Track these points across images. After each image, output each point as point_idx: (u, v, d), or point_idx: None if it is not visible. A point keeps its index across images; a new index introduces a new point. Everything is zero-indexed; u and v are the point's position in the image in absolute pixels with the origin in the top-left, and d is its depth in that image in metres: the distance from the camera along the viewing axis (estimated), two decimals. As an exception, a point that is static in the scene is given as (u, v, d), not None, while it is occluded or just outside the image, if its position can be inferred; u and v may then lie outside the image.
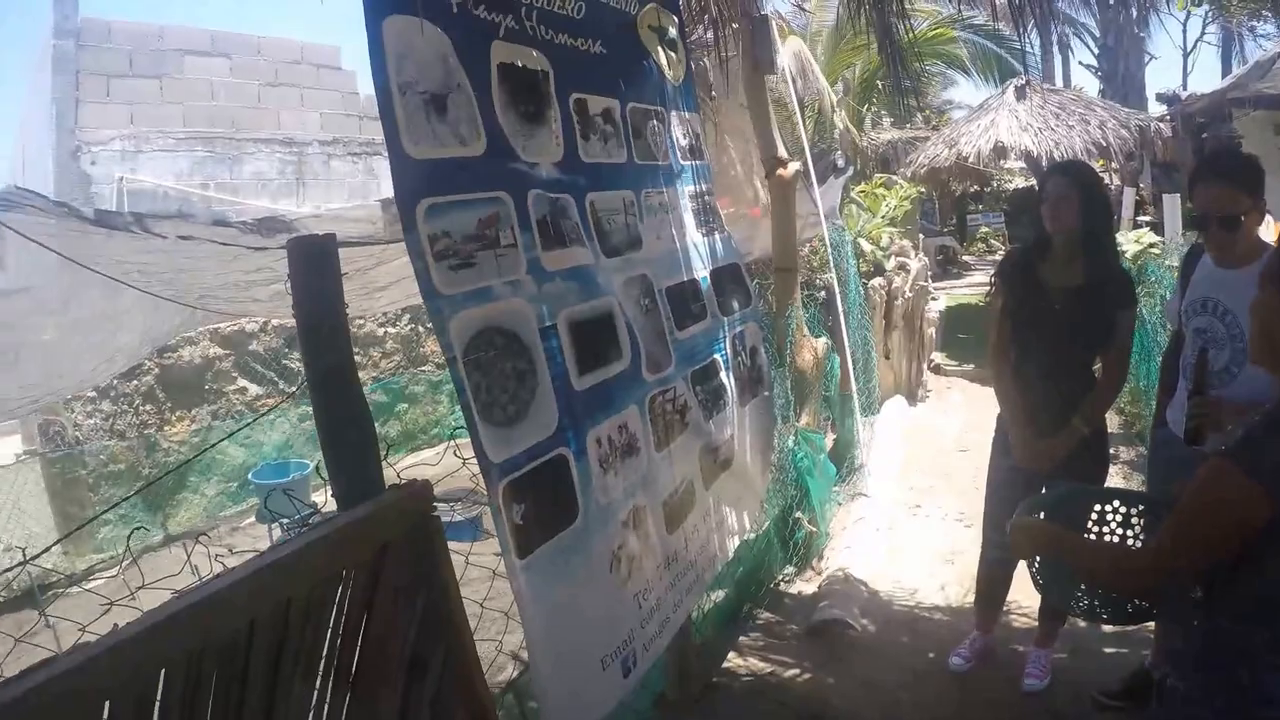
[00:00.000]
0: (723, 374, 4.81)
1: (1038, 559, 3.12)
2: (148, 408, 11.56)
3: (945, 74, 29.67)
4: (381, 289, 5.57)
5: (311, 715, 2.45)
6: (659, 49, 4.77)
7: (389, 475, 11.08)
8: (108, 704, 1.73)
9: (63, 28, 12.45)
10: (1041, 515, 3.33)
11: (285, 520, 10.37)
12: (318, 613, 2.46)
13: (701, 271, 4.87)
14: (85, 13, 12.85)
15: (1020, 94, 18.53)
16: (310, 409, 10.61)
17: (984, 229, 33.79)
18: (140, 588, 2.95)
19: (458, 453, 3.44)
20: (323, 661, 2.50)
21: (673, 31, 4.97)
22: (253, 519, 11.78)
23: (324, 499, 11.62)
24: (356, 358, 10.81)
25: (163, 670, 1.94)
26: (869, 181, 18.76)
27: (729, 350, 4.94)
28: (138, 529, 10.83)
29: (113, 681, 1.77)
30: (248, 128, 13.67)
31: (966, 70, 27.12)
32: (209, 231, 3.73)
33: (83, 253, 3.84)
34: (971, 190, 32.53)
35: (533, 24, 3.60)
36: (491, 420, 2.92)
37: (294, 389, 12.53)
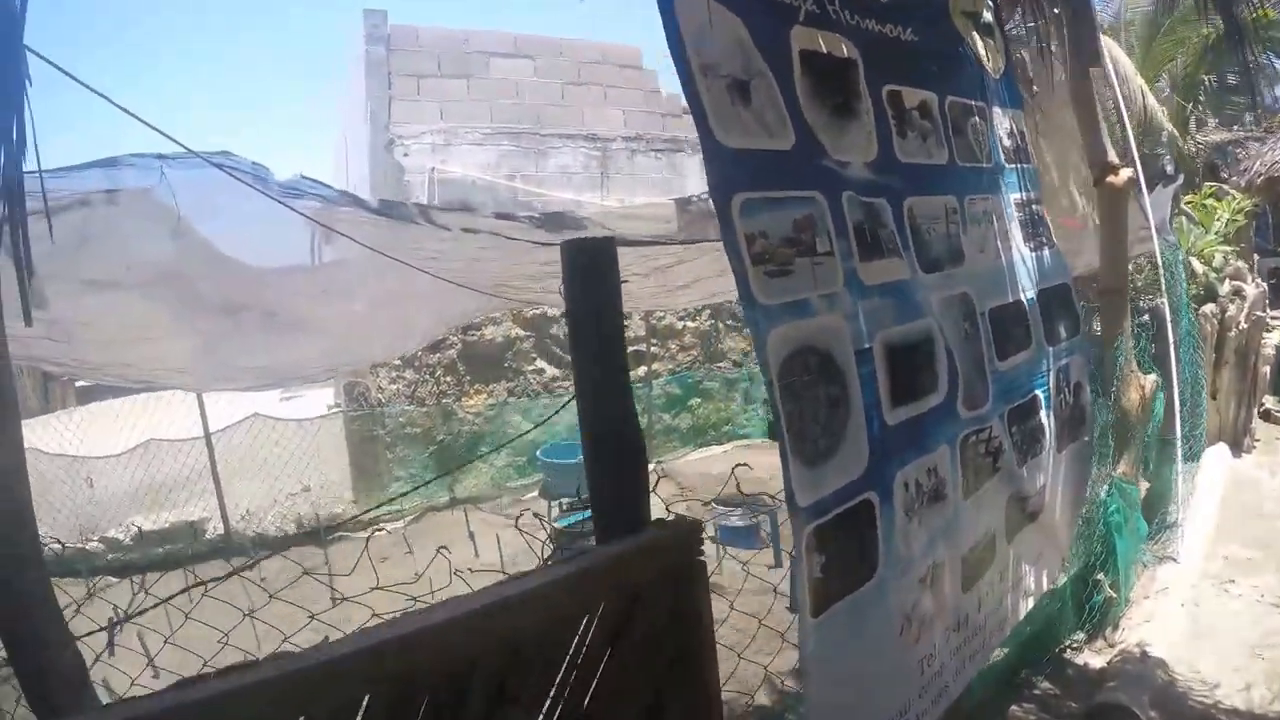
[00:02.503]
0: (1042, 413, 4.20)
1: None
2: (448, 379, 12.05)
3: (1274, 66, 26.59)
4: (682, 287, 5.33)
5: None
6: (974, 36, 4.22)
7: (678, 468, 10.87)
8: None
9: (374, 35, 13.17)
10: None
11: (565, 500, 10.81)
12: (551, 655, 2.18)
13: (1028, 292, 4.25)
14: (394, 20, 13.51)
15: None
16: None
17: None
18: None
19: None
20: (548, 703, 2.20)
21: (988, 17, 4.40)
22: (535, 493, 12.05)
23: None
24: (654, 349, 10.66)
25: (366, 696, 1.74)
26: (1197, 191, 17.03)
27: (1051, 386, 4.30)
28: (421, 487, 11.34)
29: (314, 697, 1.66)
30: (552, 124, 13.96)
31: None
32: (492, 225, 3.56)
33: (381, 237, 3.78)
34: (1317, 205, 29.17)
35: (835, 8, 3.19)
36: (803, 455, 2.59)
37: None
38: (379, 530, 10.97)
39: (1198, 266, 12.11)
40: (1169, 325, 8.10)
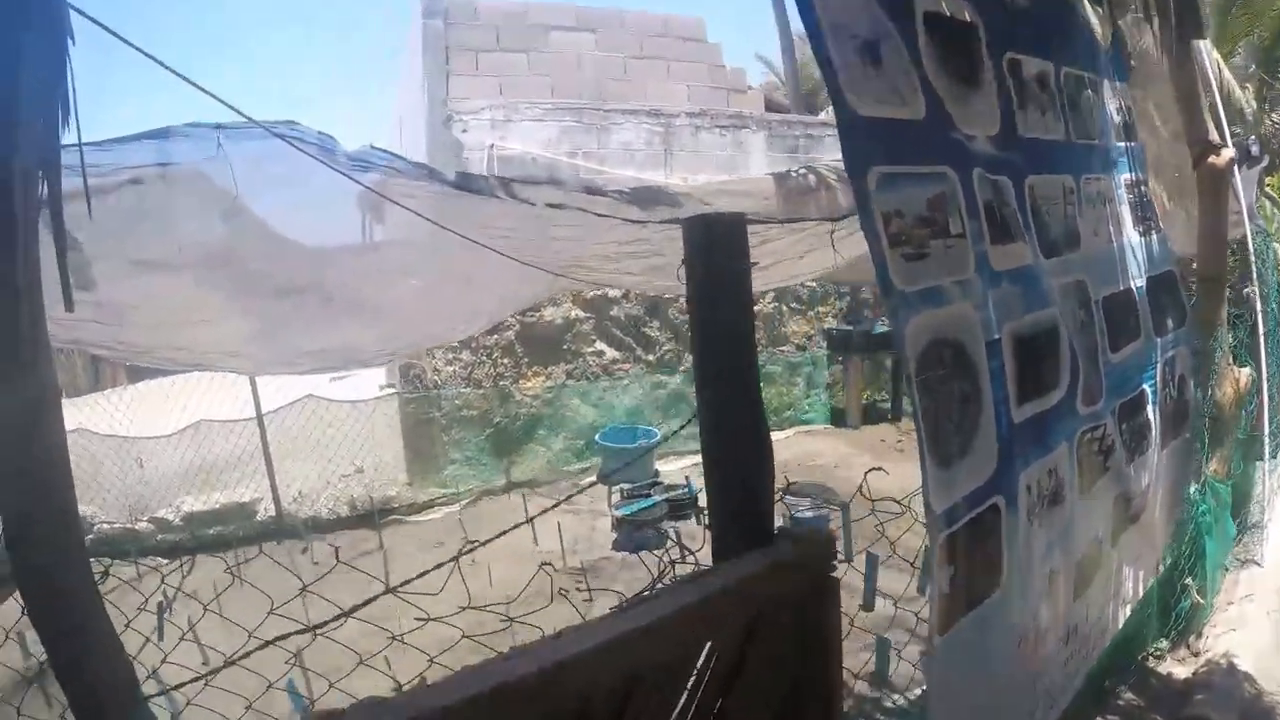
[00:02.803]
0: (1149, 408, 3.90)
1: None
2: (505, 360, 11.84)
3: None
4: (761, 269, 5.06)
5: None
6: (1085, 4, 3.95)
7: None
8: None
9: (431, 8, 12.94)
10: None
11: (626, 485, 10.61)
12: (669, 686, 1.95)
13: (1137, 279, 3.96)
14: (451, -7, 13.43)
15: None
16: (664, 378, 10.23)
17: None
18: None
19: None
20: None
21: (1097, -19, 4.00)
22: (593, 478, 11.74)
23: (667, 469, 11.50)
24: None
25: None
26: (1277, 173, 16.39)
27: (1158, 379, 4.01)
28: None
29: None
30: (615, 99, 13.65)
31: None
32: (580, 200, 3.30)
33: (446, 214, 3.56)
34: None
35: (953, -32, 2.85)
36: (938, 456, 2.33)
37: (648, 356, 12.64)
38: (433, 513, 10.84)
39: (1282, 251, 11.64)
40: (1259, 315, 7.73)
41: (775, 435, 8.73)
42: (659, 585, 2.44)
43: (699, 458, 8.96)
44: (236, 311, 4.32)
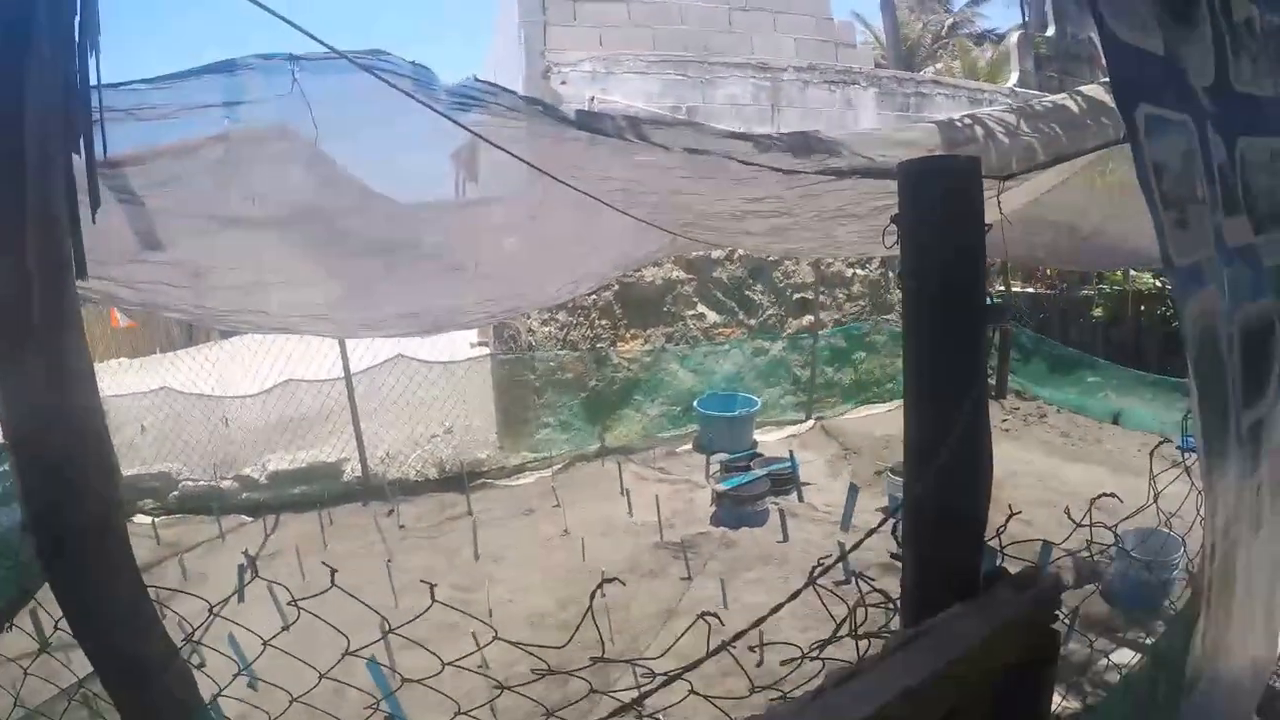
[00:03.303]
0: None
1: None
2: (603, 322, 11.39)
3: None
4: (891, 231, 4.55)
5: None
6: None
7: (839, 425, 9.86)
8: None
9: None
10: None
11: (725, 456, 10.20)
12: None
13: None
14: (548, -60, 12.86)
15: None
16: (765, 344, 9.68)
17: None
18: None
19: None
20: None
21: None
22: (689, 445, 11.46)
23: (766, 439, 11.03)
24: (821, 298, 9.73)
25: None
26: None
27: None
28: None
29: None
30: (719, 52, 13.02)
31: None
32: (725, 145, 2.82)
33: (558, 164, 3.12)
34: None
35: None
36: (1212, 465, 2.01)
37: (750, 320, 12.13)
38: (524, 478, 10.56)
39: None
40: None
41: (877, 408, 8.40)
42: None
43: (798, 427, 8.47)
44: (321, 272, 3.95)
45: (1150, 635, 6.02)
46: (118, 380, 10.28)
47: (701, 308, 11.92)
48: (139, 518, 8.99)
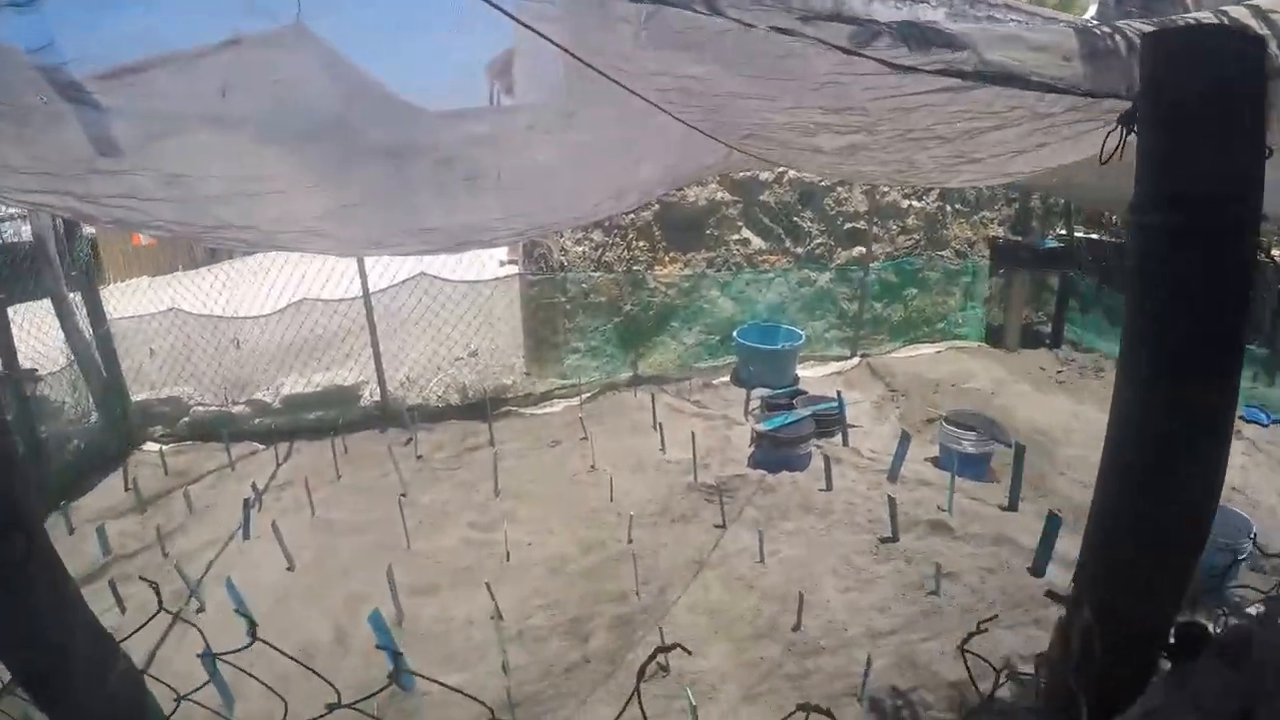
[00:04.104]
0: None
1: None
2: (641, 243, 10.74)
3: None
4: (969, 162, 3.97)
5: None
6: None
7: (886, 364, 9.27)
8: None
9: None
10: None
11: (765, 391, 9.71)
12: None
13: None
14: None
15: None
16: (812, 274, 9.05)
17: None
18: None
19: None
20: None
21: None
22: (727, 378, 10.99)
23: (808, 374, 10.52)
24: (874, 229, 9.05)
25: None
26: None
27: None
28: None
29: None
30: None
31: None
32: (824, 31, 2.19)
33: (602, 58, 2.52)
34: None
35: None
36: None
37: (797, 249, 11.52)
38: (551, 407, 10.07)
39: None
40: None
41: (926, 349, 7.80)
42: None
43: (842, 364, 7.75)
44: (313, 179, 3.37)
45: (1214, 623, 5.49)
46: (133, 301, 9.83)
47: (746, 232, 11.26)
48: (148, 445, 8.64)
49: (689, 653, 2.85)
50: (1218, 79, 1.18)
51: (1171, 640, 1.49)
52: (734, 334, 10.86)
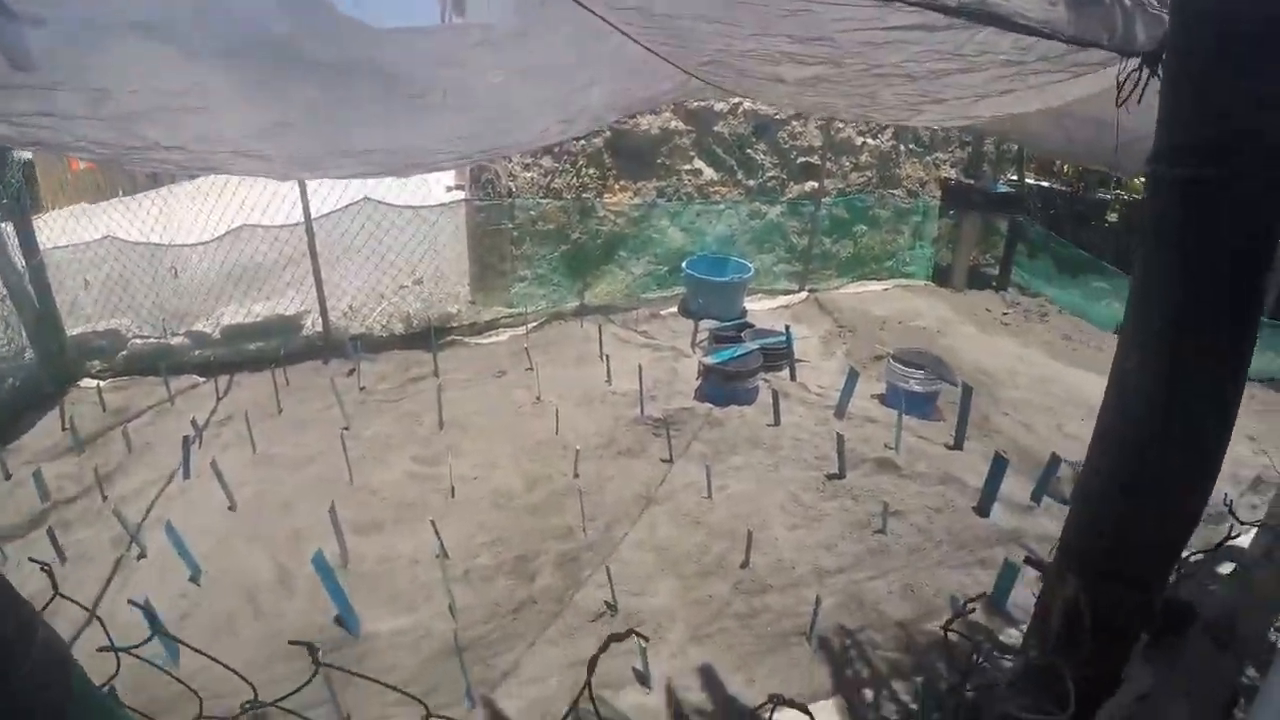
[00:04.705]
0: None
1: None
2: (591, 171, 10.55)
3: None
4: (934, 102, 3.89)
5: None
6: None
7: (833, 300, 9.18)
8: None
9: None
10: None
11: (713, 323, 9.65)
12: None
13: None
14: None
15: None
16: (763, 207, 8.92)
17: None
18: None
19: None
20: None
21: None
22: (675, 309, 10.91)
23: (756, 307, 10.45)
24: (828, 164, 8.93)
25: None
26: None
27: None
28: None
29: None
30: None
31: None
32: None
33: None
34: None
35: None
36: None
37: (749, 181, 11.41)
38: (497, 336, 9.94)
39: None
40: None
41: (874, 286, 7.76)
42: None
43: (790, 299, 7.67)
44: (250, 97, 3.17)
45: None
46: (70, 229, 9.46)
47: (698, 163, 11.11)
48: (85, 382, 8.33)
49: (645, 640, 2.83)
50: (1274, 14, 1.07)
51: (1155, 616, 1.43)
52: (683, 265, 10.76)
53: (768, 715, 1.45)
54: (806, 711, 1.45)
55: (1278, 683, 1.24)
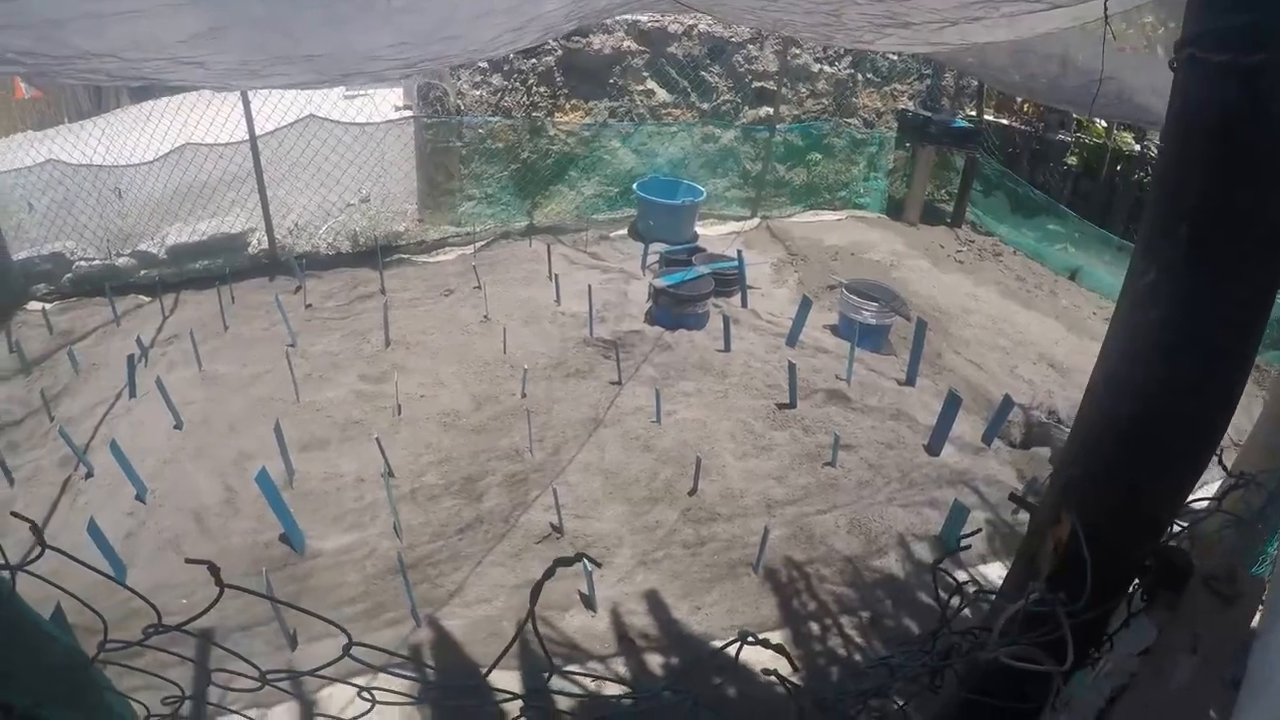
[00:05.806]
0: None
1: None
2: (542, 89, 10.35)
3: None
4: (903, 25, 3.85)
5: None
6: None
7: (786, 228, 9.15)
8: None
9: None
10: None
11: (664, 247, 9.58)
12: None
13: None
14: None
15: None
16: (716, 131, 8.85)
17: None
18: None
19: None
20: None
21: None
22: (625, 231, 10.83)
23: (708, 232, 10.42)
24: (783, 90, 8.80)
25: None
26: None
27: None
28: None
29: None
30: None
31: None
32: None
33: None
34: None
35: None
36: None
37: (702, 104, 11.26)
38: (445, 255, 9.86)
39: None
40: None
41: (827, 215, 7.72)
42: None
43: (742, 225, 7.61)
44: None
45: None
46: (14, 157, 9.22)
47: (652, 84, 10.93)
48: (31, 305, 8.17)
49: (596, 565, 2.80)
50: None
51: (1148, 565, 1.41)
52: (634, 187, 10.65)
53: (733, 650, 1.44)
54: (784, 652, 1.44)
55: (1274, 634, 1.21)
